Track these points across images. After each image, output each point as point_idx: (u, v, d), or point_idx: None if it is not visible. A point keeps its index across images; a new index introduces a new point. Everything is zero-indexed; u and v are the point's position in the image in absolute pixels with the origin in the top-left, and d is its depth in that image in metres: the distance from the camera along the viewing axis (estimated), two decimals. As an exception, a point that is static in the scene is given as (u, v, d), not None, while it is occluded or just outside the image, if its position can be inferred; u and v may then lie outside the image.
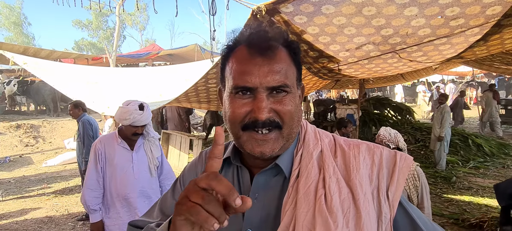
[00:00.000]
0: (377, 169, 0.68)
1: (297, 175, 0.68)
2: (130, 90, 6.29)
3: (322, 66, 3.52)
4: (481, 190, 5.19)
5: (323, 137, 0.76)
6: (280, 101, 0.66)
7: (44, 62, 7.12)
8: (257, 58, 0.66)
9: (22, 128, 10.34)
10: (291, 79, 0.68)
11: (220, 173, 0.76)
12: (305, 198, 0.64)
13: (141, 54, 15.98)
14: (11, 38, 33.81)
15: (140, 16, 35.91)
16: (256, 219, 0.70)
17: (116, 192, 2.30)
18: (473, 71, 13.21)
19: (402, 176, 0.67)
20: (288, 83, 0.67)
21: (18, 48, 11.64)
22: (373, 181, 0.66)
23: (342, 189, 0.64)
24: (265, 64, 0.65)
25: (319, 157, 0.71)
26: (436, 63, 3.85)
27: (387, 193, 0.65)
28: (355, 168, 0.67)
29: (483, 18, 2.38)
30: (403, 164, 0.69)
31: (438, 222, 4.01)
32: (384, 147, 0.73)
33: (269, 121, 0.65)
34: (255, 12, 2.46)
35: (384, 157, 0.70)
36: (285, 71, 0.67)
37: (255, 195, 0.71)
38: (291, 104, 0.67)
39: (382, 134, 2.43)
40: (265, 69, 0.65)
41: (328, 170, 0.67)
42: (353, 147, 0.71)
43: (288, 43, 0.70)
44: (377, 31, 2.61)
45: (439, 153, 6.22)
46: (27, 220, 4.40)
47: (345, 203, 0.63)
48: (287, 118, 0.67)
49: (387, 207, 0.64)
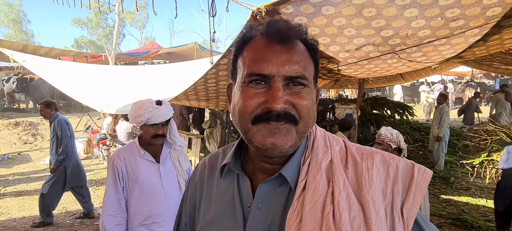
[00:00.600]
0: (391, 183, 0.62)
1: (303, 187, 0.63)
2: (129, 89, 6.28)
3: (322, 66, 3.52)
4: (479, 190, 5.21)
5: (333, 143, 0.70)
6: (297, 93, 0.62)
7: (43, 59, 7.11)
8: (276, 46, 0.62)
9: (20, 125, 10.32)
10: (309, 74, 0.65)
11: (220, 180, 0.75)
12: (311, 214, 0.59)
13: (141, 52, 15.95)
14: (10, 36, 33.72)
15: (139, 14, 35.85)
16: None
17: (144, 215, 1.90)
18: (472, 72, 13.26)
19: (419, 191, 0.61)
20: (306, 76, 0.63)
21: (17, 46, 11.61)
22: (387, 196, 0.60)
23: (353, 205, 0.59)
24: (284, 52, 0.61)
25: (328, 167, 0.65)
26: (435, 63, 3.85)
27: (401, 210, 0.59)
28: (368, 182, 0.61)
29: (483, 19, 2.39)
30: (421, 179, 0.62)
31: (436, 223, 4.02)
32: (401, 159, 0.66)
33: (285, 113, 0.60)
34: (255, 13, 2.45)
35: (400, 170, 0.63)
36: (304, 63, 0.63)
37: (258, 205, 0.66)
38: (309, 99, 0.63)
39: (384, 134, 2.38)
40: (284, 57, 0.61)
41: (338, 183, 0.61)
42: (366, 158, 0.65)
43: (307, 38, 0.67)
44: (377, 32, 2.61)
45: (438, 153, 6.23)
46: (25, 217, 4.40)
47: (355, 222, 0.57)
48: (304, 112, 0.62)
49: (400, 226, 0.58)
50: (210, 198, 0.76)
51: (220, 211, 0.72)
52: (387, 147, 2.34)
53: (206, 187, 0.79)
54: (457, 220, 4.08)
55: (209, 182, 0.79)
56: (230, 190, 0.73)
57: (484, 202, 4.67)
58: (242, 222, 0.68)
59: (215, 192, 0.76)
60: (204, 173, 0.81)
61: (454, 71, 17.62)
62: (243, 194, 0.71)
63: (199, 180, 0.82)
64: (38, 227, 4.18)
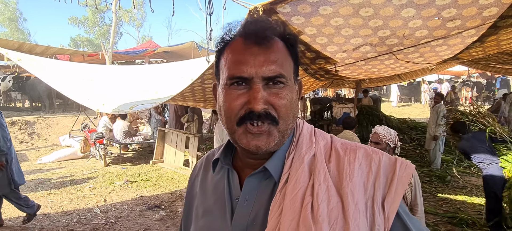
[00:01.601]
0: (373, 177, 0.63)
1: (286, 180, 0.65)
2: (126, 88, 6.25)
3: (319, 67, 3.52)
4: (475, 189, 5.24)
5: (319, 139, 0.71)
6: (276, 93, 0.64)
7: (38, 59, 7.05)
8: (253, 48, 0.64)
9: (17, 124, 10.25)
10: (287, 71, 0.66)
11: (213, 174, 0.79)
12: (291, 205, 0.61)
13: (138, 51, 15.91)
14: (6, 34, 33.48)
15: (137, 12, 35.69)
16: (243, 223, 0.68)
17: None
18: (468, 71, 13.33)
19: (401, 186, 0.62)
20: (284, 74, 0.64)
21: (13, 44, 11.53)
22: (368, 190, 0.62)
23: (332, 197, 0.61)
24: (261, 53, 0.63)
25: (311, 161, 0.67)
26: (432, 65, 3.86)
27: (382, 204, 0.61)
28: (349, 175, 0.63)
29: (480, 20, 2.39)
30: (403, 173, 0.64)
31: (432, 221, 4.05)
32: (384, 153, 0.68)
33: (265, 113, 0.63)
34: (253, 12, 2.45)
35: (383, 164, 0.65)
36: (281, 61, 0.65)
37: (245, 197, 0.69)
38: (288, 98, 0.65)
39: (382, 133, 2.32)
40: (261, 58, 0.63)
41: (319, 176, 0.63)
42: (349, 152, 0.67)
43: (285, 35, 0.68)
44: (374, 32, 2.61)
45: (434, 152, 6.26)
46: (21, 216, 4.36)
47: (333, 213, 0.59)
48: (283, 111, 0.64)
49: (381, 219, 0.60)
50: (205, 191, 0.80)
51: (212, 203, 0.76)
52: (385, 146, 2.29)
53: (202, 182, 0.83)
54: (453, 219, 4.10)
55: (205, 177, 0.83)
56: (221, 184, 0.76)
57: (480, 200, 4.70)
58: (230, 214, 0.70)
59: (209, 186, 0.80)
60: (201, 170, 0.85)
61: (450, 70, 17.71)
62: (232, 187, 0.74)
63: (197, 175, 0.86)
64: (29, 221, 4.13)
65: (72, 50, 16.11)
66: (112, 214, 4.51)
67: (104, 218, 4.38)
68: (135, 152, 8.71)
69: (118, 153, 7.92)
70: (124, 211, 4.63)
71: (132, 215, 4.49)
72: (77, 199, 5.09)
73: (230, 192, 0.73)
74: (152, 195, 5.33)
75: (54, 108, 13.34)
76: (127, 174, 6.48)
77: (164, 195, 5.32)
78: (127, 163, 7.55)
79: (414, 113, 14.09)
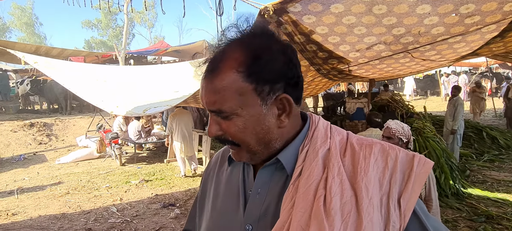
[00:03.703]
0: (389, 173, 0.62)
1: (299, 173, 0.65)
2: (140, 90, 6.31)
3: (332, 67, 3.44)
4: (496, 183, 5.08)
5: (334, 134, 0.71)
6: (224, 123, 0.66)
7: (54, 61, 7.20)
8: (204, 79, 0.66)
9: (35, 126, 10.55)
10: (233, 102, 0.63)
11: (229, 168, 0.81)
12: (303, 198, 0.61)
13: (150, 51, 16.11)
14: (24, 39, 34.51)
15: (148, 13, 36.07)
16: (256, 214, 0.69)
17: None
18: (487, 62, 12.85)
19: (418, 183, 0.61)
20: (223, 110, 0.64)
21: (30, 48, 11.86)
22: (384, 186, 0.61)
23: (345, 191, 0.60)
24: (205, 86, 0.65)
25: (326, 155, 0.66)
26: (450, 61, 3.73)
27: (398, 201, 0.59)
28: (363, 170, 0.62)
29: (500, 15, 2.29)
30: (421, 170, 0.62)
31: (451, 217, 3.95)
32: (401, 149, 0.66)
33: (222, 138, 0.67)
34: (263, 12, 2.42)
35: (400, 160, 0.63)
36: (223, 95, 0.63)
37: (258, 190, 0.71)
38: (237, 126, 0.65)
39: (394, 128, 2.25)
40: (204, 92, 0.66)
41: (333, 170, 0.63)
42: (365, 147, 0.66)
43: (245, 56, 0.63)
44: (388, 30, 2.54)
45: (452, 146, 6.09)
46: (41, 216, 4.50)
47: (346, 207, 0.58)
48: (238, 137, 0.66)
49: (396, 216, 0.58)
50: (219, 185, 0.82)
51: (227, 195, 0.78)
52: (397, 141, 2.23)
53: (217, 176, 0.85)
54: (473, 214, 3.99)
55: (220, 172, 0.85)
56: (236, 177, 0.78)
57: (501, 195, 4.55)
58: (243, 206, 0.72)
59: (224, 179, 0.82)
60: (217, 164, 0.88)
61: (468, 62, 17.15)
62: (247, 179, 0.76)
63: (212, 169, 0.88)
64: None
65: (86, 52, 16.46)
66: (128, 213, 4.59)
67: (120, 216, 4.47)
68: (149, 151, 8.85)
69: (133, 152, 8.06)
70: (140, 209, 4.72)
71: (148, 214, 4.56)
72: (94, 198, 5.21)
73: (244, 184, 0.75)
74: (166, 193, 5.40)
75: (71, 110, 13.67)
76: (142, 173, 6.59)
77: (179, 193, 5.39)
78: (142, 162, 7.68)
79: (431, 106, 13.73)
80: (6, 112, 13.25)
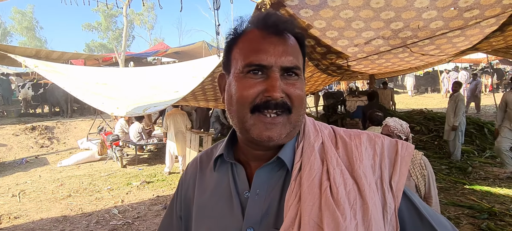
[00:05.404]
0: (379, 158, 0.67)
1: (299, 168, 0.66)
2: (140, 91, 6.31)
3: (331, 62, 3.43)
4: (498, 179, 5.05)
5: (322, 128, 0.74)
6: (292, 84, 0.66)
7: (54, 64, 7.22)
8: (272, 38, 0.65)
9: (37, 130, 10.58)
10: (301, 65, 0.69)
11: (213, 173, 0.77)
12: (309, 191, 0.62)
13: (149, 53, 16.13)
14: (25, 42, 34.65)
15: (148, 15, 36.15)
16: (257, 217, 0.67)
17: None
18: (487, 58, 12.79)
19: (404, 165, 0.66)
20: (300, 66, 0.67)
21: (31, 51, 11.87)
22: (376, 171, 0.65)
23: (347, 180, 0.63)
24: (281, 44, 0.65)
25: (321, 148, 0.69)
26: (449, 56, 3.71)
27: (390, 183, 0.64)
28: (359, 159, 0.66)
29: (500, 8, 2.26)
30: (405, 153, 0.68)
31: (454, 213, 3.93)
32: (385, 136, 0.71)
33: (282, 102, 0.64)
34: (260, 6, 2.41)
35: (386, 146, 0.69)
36: (297, 55, 0.67)
37: (256, 191, 0.68)
38: (302, 89, 0.67)
39: (393, 125, 2.27)
40: (280, 49, 0.64)
41: (332, 161, 0.65)
42: (354, 137, 0.70)
43: (297, 32, 0.70)
44: (386, 25, 2.52)
45: (454, 142, 6.06)
46: (43, 219, 4.50)
47: (351, 195, 0.61)
48: (297, 102, 0.66)
49: (391, 197, 0.63)
50: (204, 191, 0.78)
51: (216, 202, 0.74)
52: (396, 138, 2.25)
53: (199, 183, 0.80)
54: (476, 211, 3.97)
55: (202, 178, 0.81)
56: (224, 181, 0.75)
57: (504, 191, 4.53)
58: (240, 210, 0.69)
59: (209, 185, 0.78)
60: (196, 171, 0.83)
61: (468, 58, 17.09)
62: (238, 182, 0.73)
63: (191, 178, 0.83)
64: None
65: (86, 55, 16.49)
66: (130, 215, 4.59)
67: (122, 218, 4.47)
68: (150, 153, 8.85)
69: (134, 154, 8.06)
70: (141, 211, 4.71)
71: (149, 215, 4.56)
72: (96, 201, 5.21)
73: (237, 188, 0.72)
74: (168, 194, 5.39)
75: (72, 113, 13.70)
76: (144, 175, 6.59)
77: (180, 194, 5.39)
78: (143, 163, 7.68)
79: (432, 103, 13.69)
80: (8, 116, 13.29)
